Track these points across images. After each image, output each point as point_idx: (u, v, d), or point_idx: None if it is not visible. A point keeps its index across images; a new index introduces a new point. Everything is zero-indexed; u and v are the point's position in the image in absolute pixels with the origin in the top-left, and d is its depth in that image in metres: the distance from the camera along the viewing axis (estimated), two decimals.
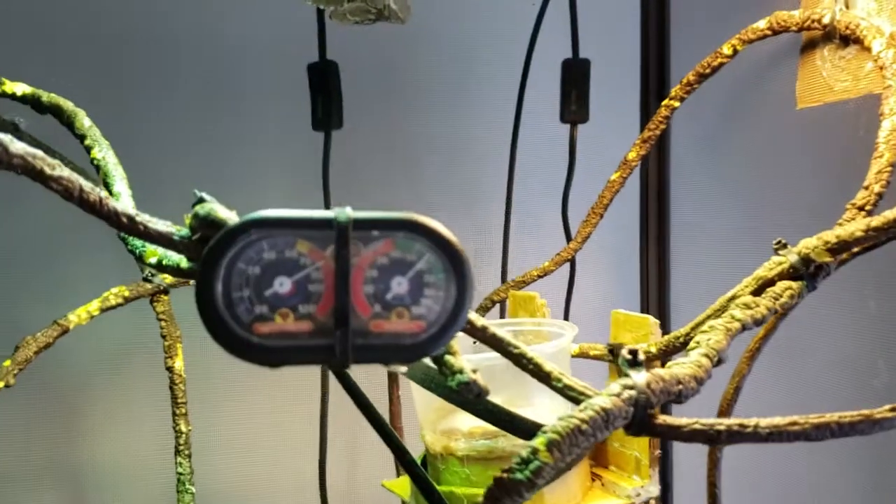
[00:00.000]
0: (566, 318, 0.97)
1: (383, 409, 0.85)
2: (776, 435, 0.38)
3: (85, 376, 0.89)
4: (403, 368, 0.30)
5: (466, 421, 0.63)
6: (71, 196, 0.32)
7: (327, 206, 0.88)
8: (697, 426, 0.37)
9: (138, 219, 0.34)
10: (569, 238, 0.94)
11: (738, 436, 0.38)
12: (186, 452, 0.75)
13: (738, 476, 0.85)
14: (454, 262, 0.29)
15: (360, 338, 0.29)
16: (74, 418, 0.89)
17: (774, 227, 0.80)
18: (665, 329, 1.00)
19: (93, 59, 0.88)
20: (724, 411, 0.64)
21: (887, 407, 0.38)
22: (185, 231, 0.35)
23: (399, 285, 0.29)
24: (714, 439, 0.37)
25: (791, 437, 0.38)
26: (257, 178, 0.95)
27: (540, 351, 0.63)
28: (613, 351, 0.66)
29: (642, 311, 1.01)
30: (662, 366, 0.57)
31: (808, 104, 0.73)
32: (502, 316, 0.91)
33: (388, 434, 0.56)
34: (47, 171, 0.31)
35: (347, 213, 0.29)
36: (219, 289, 0.28)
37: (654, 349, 0.63)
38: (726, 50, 0.76)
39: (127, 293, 0.75)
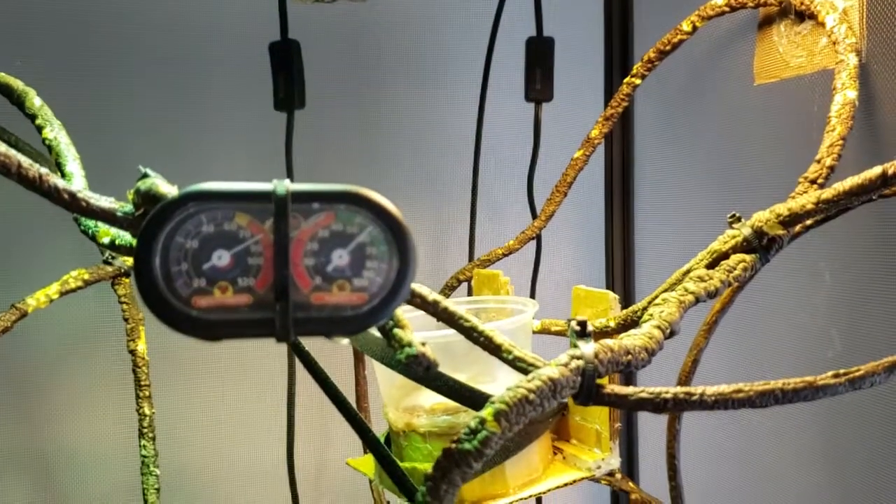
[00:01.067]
0: (532, 294, 0.98)
1: (350, 389, 0.86)
2: (721, 402, 0.38)
3: (47, 360, 0.88)
4: (345, 341, 0.31)
5: (429, 398, 0.63)
6: (8, 172, 0.32)
7: None
8: (644, 395, 0.38)
9: (80, 195, 0.33)
10: (534, 216, 0.94)
11: (684, 403, 0.38)
12: (150, 435, 0.75)
13: (704, 449, 0.87)
14: (396, 234, 0.30)
15: (301, 311, 0.29)
16: (37, 403, 0.89)
17: (736, 201, 0.81)
18: (630, 300, 1.01)
19: (54, 41, 0.86)
20: (683, 383, 0.65)
21: (830, 373, 0.39)
22: (128, 207, 0.34)
23: (340, 258, 0.29)
24: (660, 407, 0.38)
25: (736, 403, 0.38)
26: (220, 159, 0.94)
27: (499, 326, 0.63)
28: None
29: (608, 287, 1.02)
30: None
31: (765, 80, 0.74)
32: (469, 294, 0.92)
33: (350, 412, 0.56)
34: None
35: (286, 185, 0.29)
36: (157, 262, 0.28)
37: (612, 324, 0.63)
38: (685, 27, 0.76)
39: (87, 276, 0.74)
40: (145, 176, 0.34)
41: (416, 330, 0.37)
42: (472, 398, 0.53)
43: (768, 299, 0.75)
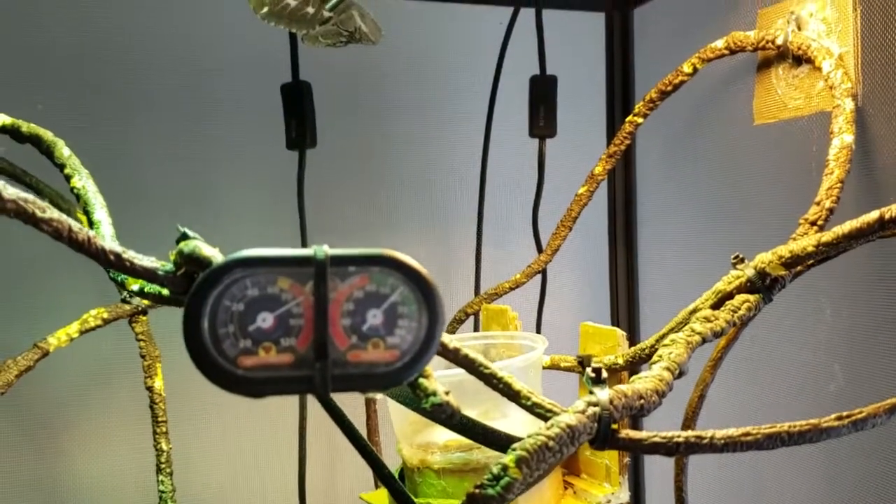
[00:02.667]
0: (538, 328, 0.99)
1: (361, 423, 0.87)
2: (731, 445, 0.40)
3: (66, 396, 0.90)
4: (379, 395, 0.32)
5: (442, 434, 0.65)
6: (60, 236, 0.34)
7: (303, 224, 0.89)
8: (657, 439, 0.40)
9: (125, 256, 0.35)
10: (540, 250, 0.96)
11: (695, 447, 0.40)
12: (168, 470, 0.76)
13: (713, 481, 0.88)
14: (426, 294, 0.31)
15: (339, 368, 0.30)
16: (56, 438, 0.90)
17: (737, 236, 0.83)
18: (634, 333, 1.03)
19: (72, 84, 0.89)
20: (690, 418, 0.67)
21: (833, 416, 0.41)
22: (169, 266, 0.36)
23: (374, 317, 0.31)
24: (673, 451, 0.40)
25: (745, 446, 0.40)
26: (234, 198, 0.97)
27: (511, 364, 0.65)
28: (582, 363, 0.69)
29: (612, 319, 1.04)
30: (632, 374, 0.60)
31: (764, 120, 0.76)
32: (476, 327, 0.93)
33: (365, 448, 0.58)
34: (38, 213, 0.33)
35: (325, 250, 0.31)
36: (205, 325, 0.30)
37: (621, 361, 0.65)
38: (686, 68, 0.78)
39: (106, 315, 0.76)
40: (185, 236, 0.35)
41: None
42: (485, 435, 0.54)
43: (772, 335, 0.77)
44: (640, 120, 0.83)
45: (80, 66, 0.89)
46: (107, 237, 0.54)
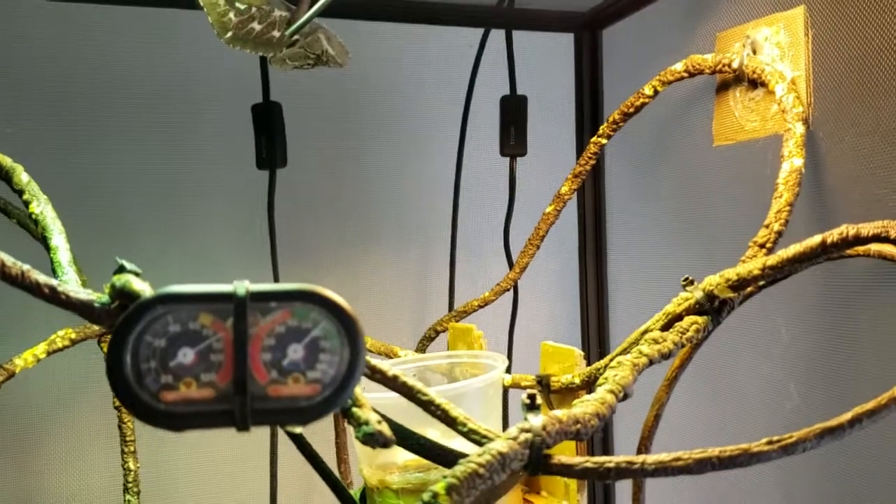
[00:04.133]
0: (510, 344, 1.00)
1: (330, 443, 0.88)
2: (661, 470, 0.41)
3: (33, 417, 0.90)
4: (299, 429, 0.33)
5: (402, 455, 0.65)
6: None
7: (273, 244, 0.90)
8: (589, 464, 0.41)
9: (60, 289, 0.36)
10: (511, 267, 0.97)
11: (626, 472, 0.41)
12: (135, 490, 0.77)
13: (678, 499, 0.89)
14: (347, 328, 0.32)
15: (259, 402, 0.31)
16: (24, 458, 0.90)
17: (698, 254, 0.84)
18: (605, 348, 1.04)
19: (41, 105, 0.90)
20: (646, 438, 0.68)
21: (764, 440, 0.42)
22: (105, 298, 0.37)
23: (295, 352, 0.32)
24: (605, 476, 0.41)
25: (675, 471, 0.41)
26: (204, 215, 0.97)
27: (471, 384, 0.66)
28: (542, 382, 0.70)
29: (583, 335, 1.05)
30: (589, 392, 0.60)
31: (723, 142, 0.77)
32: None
33: (326, 471, 0.58)
34: None
35: (246, 286, 0.31)
36: (128, 360, 0.30)
37: (577, 380, 0.66)
38: (647, 90, 0.80)
39: (73, 335, 0.77)
40: (122, 268, 0.36)
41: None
42: (443, 455, 0.55)
43: (730, 355, 0.78)
44: (605, 141, 0.84)
45: (49, 89, 0.90)
46: (63, 262, 0.55)
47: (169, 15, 0.91)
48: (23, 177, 0.59)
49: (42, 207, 0.57)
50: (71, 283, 0.38)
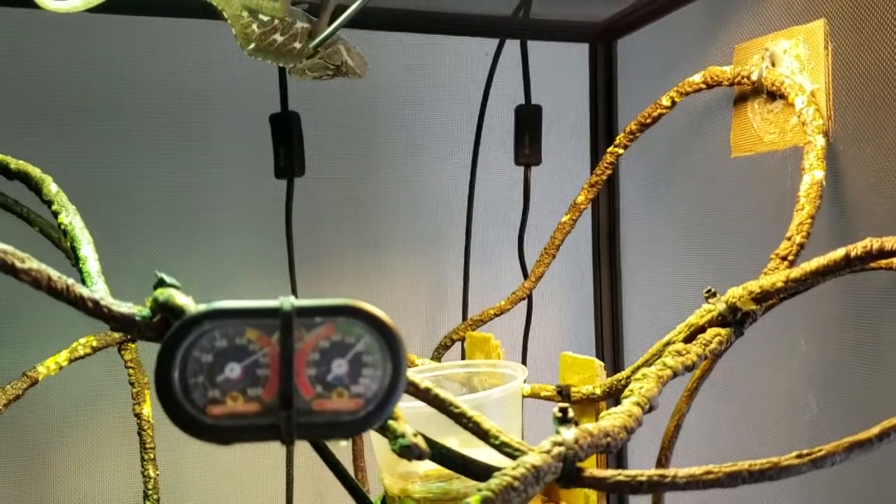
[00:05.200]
0: (524, 353, 1.00)
1: (347, 449, 0.88)
2: (693, 483, 0.41)
3: (55, 423, 0.91)
4: (345, 442, 0.34)
5: (423, 464, 0.66)
6: (39, 286, 0.35)
7: (290, 252, 0.91)
8: (621, 477, 0.41)
9: (103, 303, 0.36)
10: (525, 276, 0.97)
11: (658, 485, 0.41)
12: (155, 497, 0.77)
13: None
14: (390, 342, 0.33)
15: (304, 416, 0.32)
16: (44, 465, 0.91)
17: (718, 265, 0.85)
18: (619, 358, 1.04)
19: (59, 116, 0.90)
20: (666, 447, 0.68)
21: (793, 454, 0.42)
22: (146, 312, 0.37)
23: (339, 367, 0.32)
24: (637, 489, 0.41)
25: (706, 484, 0.41)
26: (223, 224, 0.98)
27: (490, 395, 0.66)
28: (562, 392, 0.70)
29: (597, 345, 1.05)
30: (614, 404, 0.61)
31: (741, 153, 0.78)
32: (463, 352, 0.94)
33: (345, 477, 0.59)
34: (17, 264, 0.34)
35: (292, 301, 0.32)
36: (175, 376, 0.31)
37: (598, 391, 0.67)
38: (665, 101, 0.80)
39: (95, 343, 0.78)
40: (161, 282, 0.37)
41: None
42: (464, 465, 0.56)
43: (748, 366, 0.78)
44: (621, 151, 0.85)
45: (68, 99, 0.91)
46: (92, 273, 0.56)
47: (188, 26, 0.92)
48: (52, 188, 0.59)
49: (71, 218, 0.58)
50: (104, 294, 0.39)
